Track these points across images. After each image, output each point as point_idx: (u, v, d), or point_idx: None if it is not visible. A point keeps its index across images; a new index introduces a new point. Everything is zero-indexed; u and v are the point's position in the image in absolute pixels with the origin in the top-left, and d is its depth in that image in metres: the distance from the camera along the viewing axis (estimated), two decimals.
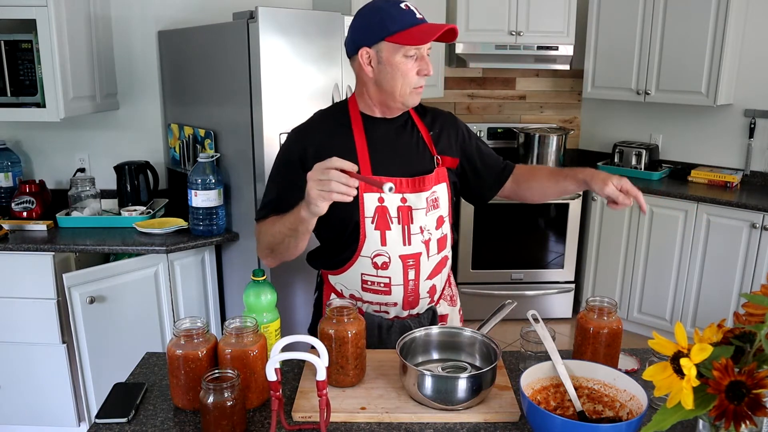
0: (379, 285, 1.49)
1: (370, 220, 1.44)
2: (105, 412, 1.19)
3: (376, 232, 1.45)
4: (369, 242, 1.46)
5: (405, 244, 1.47)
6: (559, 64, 3.92)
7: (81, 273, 2.36)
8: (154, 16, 2.92)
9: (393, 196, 1.44)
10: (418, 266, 1.49)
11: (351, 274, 1.51)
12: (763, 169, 3.63)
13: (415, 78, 1.42)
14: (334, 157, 1.22)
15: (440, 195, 1.51)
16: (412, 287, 1.51)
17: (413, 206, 1.46)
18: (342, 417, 1.18)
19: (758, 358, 0.83)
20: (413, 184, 1.46)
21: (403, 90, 1.43)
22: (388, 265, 1.47)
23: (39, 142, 2.97)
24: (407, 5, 1.39)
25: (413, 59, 1.41)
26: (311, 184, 1.23)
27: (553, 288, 3.91)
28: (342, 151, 1.39)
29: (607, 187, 1.44)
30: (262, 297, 1.32)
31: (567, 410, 1.16)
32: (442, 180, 1.52)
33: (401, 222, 1.46)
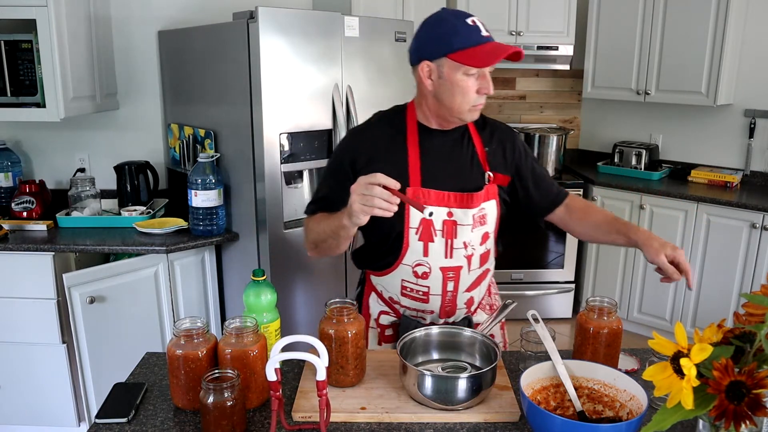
0: (418, 293, 1.50)
1: (414, 231, 1.44)
2: (105, 412, 1.19)
3: (420, 243, 1.45)
4: (411, 252, 1.46)
5: (447, 257, 1.46)
6: (559, 64, 3.92)
7: (81, 273, 2.36)
8: (154, 16, 2.91)
9: (439, 210, 1.44)
10: (458, 279, 1.49)
11: (392, 278, 1.52)
12: (763, 169, 3.63)
13: (474, 96, 1.40)
14: (378, 174, 1.24)
15: (488, 212, 1.49)
16: (450, 298, 1.51)
17: (459, 221, 1.45)
18: (342, 417, 1.18)
19: (758, 358, 0.83)
20: (461, 200, 1.44)
21: (461, 107, 1.41)
22: (428, 276, 1.48)
23: (39, 142, 2.97)
24: (474, 21, 1.36)
25: (474, 77, 1.38)
26: (354, 197, 1.25)
27: (553, 288, 3.91)
28: (394, 160, 1.43)
29: (659, 257, 1.41)
30: (262, 297, 1.32)
31: (567, 410, 1.16)
32: (492, 197, 1.50)
33: (445, 235, 1.45)
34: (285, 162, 2.45)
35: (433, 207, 1.43)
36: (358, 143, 1.52)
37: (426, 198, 1.43)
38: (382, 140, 1.49)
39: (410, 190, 1.42)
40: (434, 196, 1.43)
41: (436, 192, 1.43)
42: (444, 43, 1.36)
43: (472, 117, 1.45)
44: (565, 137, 3.95)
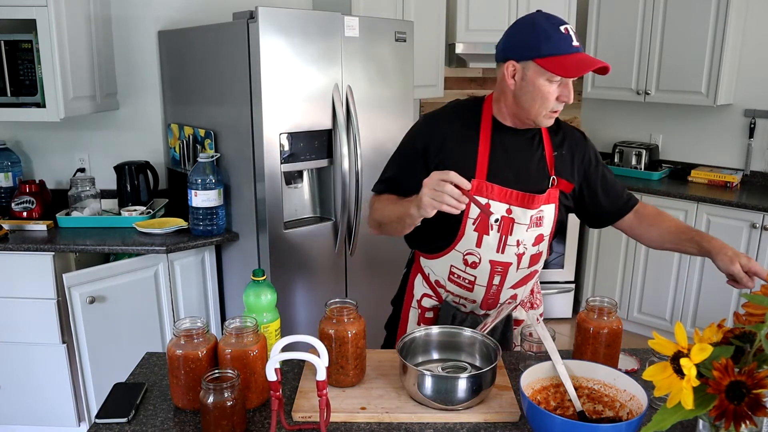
0: (464, 280, 1.54)
1: (471, 221, 1.47)
2: (105, 412, 1.19)
3: (475, 234, 1.48)
4: (465, 240, 1.49)
5: (498, 251, 1.49)
6: None
7: (81, 273, 2.36)
8: (154, 16, 2.91)
9: (499, 206, 1.46)
10: (505, 275, 1.52)
11: (441, 262, 1.56)
12: (763, 169, 3.63)
13: (553, 103, 1.40)
14: (452, 172, 1.27)
15: (546, 214, 1.50)
16: (494, 291, 1.54)
17: (516, 219, 1.47)
18: (342, 417, 1.18)
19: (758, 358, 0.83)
20: (522, 200, 1.46)
21: (538, 111, 1.42)
22: (477, 266, 1.51)
23: (39, 142, 2.97)
24: (567, 29, 1.37)
25: (556, 84, 1.39)
26: (425, 190, 1.29)
27: (553, 288, 3.91)
28: (464, 150, 1.47)
29: (734, 266, 1.40)
30: (262, 297, 1.32)
31: (567, 410, 1.16)
32: (552, 201, 1.51)
33: (501, 231, 1.47)
34: (285, 162, 2.45)
35: (495, 202, 1.45)
36: (432, 130, 1.54)
37: (489, 192, 1.45)
38: (456, 130, 1.51)
39: (475, 182, 1.45)
40: (497, 191, 1.46)
41: (499, 188, 1.45)
42: (534, 48, 1.37)
43: (547, 123, 1.46)
44: None
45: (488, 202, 1.45)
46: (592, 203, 1.60)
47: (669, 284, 3.54)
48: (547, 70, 1.35)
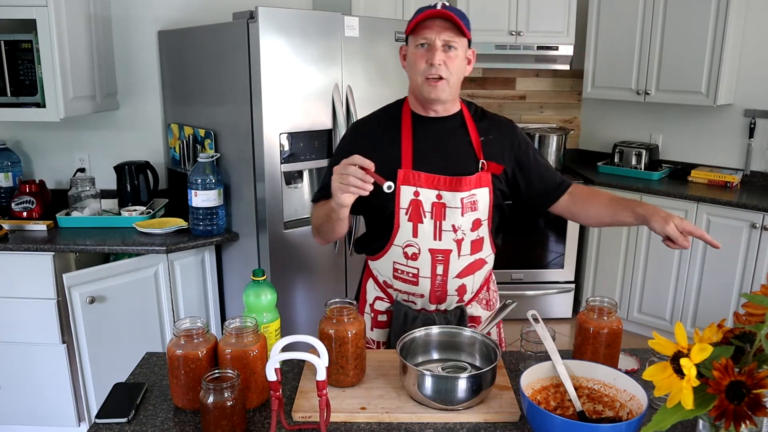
0: (408, 275, 1.56)
1: (404, 212, 1.51)
2: (105, 412, 1.19)
3: (409, 224, 1.51)
4: (402, 232, 1.52)
5: (435, 238, 1.51)
6: (559, 64, 3.92)
7: (81, 273, 2.36)
8: (154, 16, 2.91)
9: (429, 192, 1.49)
10: (447, 263, 1.53)
11: (385, 261, 1.58)
12: (763, 169, 3.63)
13: (423, 66, 1.45)
14: (356, 155, 1.33)
15: (480, 198, 1.52)
16: (440, 282, 1.55)
17: (447, 204, 1.50)
18: (342, 417, 1.18)
19: (758, 358, 0.83)
20: (450, 183, 1.49)
21: (416, 80, 1.49)
22: (417, 257, 1.53)
23: (39, 142, 2.97)
24: (436, 5, 1.44)
25: (423, 49, 1.45)
26: (334, 177, 1.35)
27: (553, 288, 3.91)
28: (388, 147, 1.52)
29: (668, 226, 1.44)
30: (262, 297, 1.32)
31: (567, 410, 1.16)
32: (485, 184, 1.53)
33: (434, 217, 1.50)
34: (285, 162, 2.45)
35: (424, 189, 1.49)
36: (357, 135, 1.63)
37: (416, 180, 1.49)
38: (380, 131, 1.58)
39: (401, 172, 1.50)
40: (424, 178, 1.49)
41: (426, 175, 1.49)
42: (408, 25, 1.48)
43: (428, 93, 1.48)
44: (565, 137, 3.95)
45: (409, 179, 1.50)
46: (527, 188, 1.61)
47: (669, 284, 3.54)
48: (409, 35, 1.48)
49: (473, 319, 1.64)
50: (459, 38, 1.46)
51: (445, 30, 1.44)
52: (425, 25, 1.45)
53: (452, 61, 1.46)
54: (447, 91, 1.49)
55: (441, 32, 1.44)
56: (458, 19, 1.43)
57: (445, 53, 1.45)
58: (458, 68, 1.49)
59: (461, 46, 1.47)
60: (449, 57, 1.46)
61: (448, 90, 1.49)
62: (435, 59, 1.44)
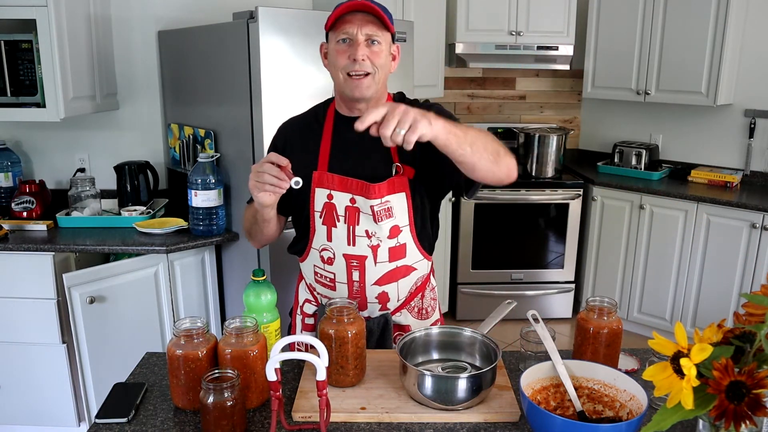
0: (326, 279, 1.54)
1: (318, 215, 1.49)
2: (105, 412, 1.19)
3: (323, 227, 1.49)
4: (318, 236, 1.51)
5: (349, 243, 1.48)
6: (559, 64, 3.92)
7: (81, 273, 2.36)
8: (154, 16, 2.92)
9: (342, 195, 1.46)
10: (363, 269, 1.49)
11: (307, 263, 1.57)
12: (763, 169, 3.63)
13: (344, 62, 1.38)
14: (271, 153, 1.33)
15: (395, 204, 1.45)
16: (358, 289, 1.51)
17: (361, 209, 1.45)
18: (342, 417, 1.18)
19: (758, 358, 0.83)
20: (361, 188, 1.44)
21: (339, 77, 1.42)
22: (332, 261, 1.50)
23: (39, 142, 2.97)
24: None
25: (345, 45, 1.39)
26: (251, 175, 1.33)
27: (553, 288, 3.91)
28: (308, 146, 1.50)
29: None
30: (262, 297, 1.32)
31: (567, 410, 1.16)
32: (399, 189, 1.45)
33: (347, 222, 1.47)
34: None
35: (337, 192, 1.46)
36: (281, 133, 1.61)
37: (329, 183, 1.46)
38: (302, 129, 1.56)
39: (316, 174, 1.47)
40: (338, 181, 1.46)
41: (339, 177, 1.46)
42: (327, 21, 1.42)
43: (352, 90, 1.40)
44: (565, 137, 3.95)
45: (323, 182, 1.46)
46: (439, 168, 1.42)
47: (669, 284, 3.54)
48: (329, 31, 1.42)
49: (401, 327, 1.57)
50: (382, 32, 1.39)
51: (368, 23, 1.37)
52: (346, 19, 1.37)
53: (377, 56, 1.39)
54: (373, 87, 1.41)
55: (363, 26, 1.36)
56: (380, 11, 1.36)
57: (369, 48, 1.38)
58: (383, 63, 1.41)
59: (385, 41, 1.40)
60: (373, 51, 1.38)
61: (374, 86, 1.41)
62: (358, 54, 1.37)
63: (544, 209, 3.78)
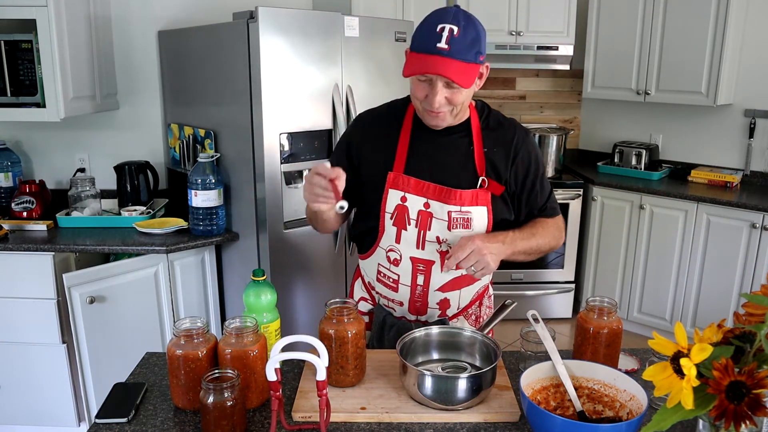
0: (389, 279, 1.53)
1: (389, 216, 1.47)
2: (105, 412, 1.19)
3: (393, 228, 1.47)
4: (387, 236, 1.49)
5: (418, 247, 1.47)
6: (559, 64, 3.92)
7: (81, 273, 2.36)
8: (154, 16, 2.91)
9: (416, 199, 1.44)
10: (429, 274, 1.49)
11: (371, 261, 1.56)
12: (763, 169, 3.63)
13: (422, 97, 1.36)
14: (321, 164, 1.31)
15: (475, 217, 1.44)
16: (420, 293, 1.51)
17: (434, 214, 1.44)
18: (342, 417, 1.18)
19: (758, 358, 0.83)
20: (439, 193, 1.43)
21: (417, 107, 1.42)
22: (398, 263, 1.50)
23: (39, 142, 2.97)
24: (443, 29, 1.29)
25: (425, 83, 1.34)
26: (304, 185, 1.35)
27: (553, 288, 3.91)
28: (384, 145, 1.47)
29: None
30: (262, 297, 1.32)
31: (567, 410, 1.16)
32: (482, 203, 1.44)
33: (418, 226, 1.45)
34: (285, 162, 2.45)
35: (412, 195, 1.44)
36: (358, 126, 1.57)
37: (405, 185, 1.44)
38: (380, 125, 1.52)
39: (391, 175, 1.45)
40: (413, 184, 1.44)
41: (415, 180, 1.44)
42: (412, 39, 1.37)
43: (430, 123, 1.41)
44: (565, 137, 3.95)
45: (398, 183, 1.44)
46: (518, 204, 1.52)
47: (669, 284, 3.54)
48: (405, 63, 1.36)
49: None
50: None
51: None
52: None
53: (456, 96, 1.34)
54: (449, 119, 1.40)
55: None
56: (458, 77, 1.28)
57: (448, 89, 1.33)
58: (464, 98, 1.37)
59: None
60: (452, 93, 1.33)
61: (450, 118, 1.40)
62: (434, 103, 1.33)
63: None
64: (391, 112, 1.53)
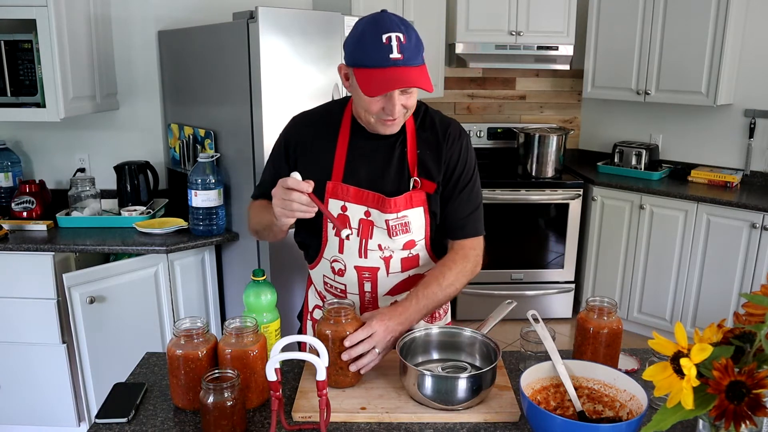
0: (337, 290, 1.51)
1: (331, 226, 1.44)
2: (105, 412, 1.19)
3: (335, 239, 1.45)
4: (329, 246, 1.47)
5: (361, 256, 1.44)
6: (559, 64, 3.92)
7: (81, 273, 2.36)
8: (154, 16, 2.92)
9: (357, 208, 1.41)
10: (375, 280, 1.47)
11: (317, 272, 1.55)
12: (763, 169, 3.63)
13: (378, 112, 1.32)
14: (290, 178, 1.25)
15: (412, 219, 1.42)
16: (370, 299, 1.49)
17: (375, 222, 1.41)
18: (342, 417, 1.18)
19: (758, 358, 0.83)
20: (377, 202, 1.40)
21: (367, 118, 1.35)
22: (343, 273, 1.47)
23: (39, 142, 2.97)
24: (390, 38, 1.24)
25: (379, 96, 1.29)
26: (276, 201, 1.28)
27: (553, 288, 3.91)
28: (322, 152, 1.43)
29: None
30: (262, 297, 1.32)
31: (567, 410, 1.16)
32: (417, 204, 1.42)
33: (360, 234, 1.42)
34: None
35: (351, 204, 1.41)
36: (293, 129, 1.50)
37: (345, 194, 1.41)
38: (317, 130, 1.46)
39: (330, 184, 1.42)
40: (353, 193, 1.41)
41: (355, 189, 1.41)
42: (352, 54, 1.29)
43: (384, 131, 1.37)
44: (565, 137, 3.95)
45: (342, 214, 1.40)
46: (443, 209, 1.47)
47: (669, 284, 3.54)
48: (357, 81, 1.28)
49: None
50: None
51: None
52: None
53: (410, 100, 1.32)
54: (402, 121, 1.37)
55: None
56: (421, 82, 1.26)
57: (404, 94, 1.30)
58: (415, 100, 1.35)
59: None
60: (407, 98, 1.31)
61: (402, 120, 1.37)
62: (395, 112, 1.30)
63: (544, 209, 3.78)
64: (327, 116, 1.47)
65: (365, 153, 1.43)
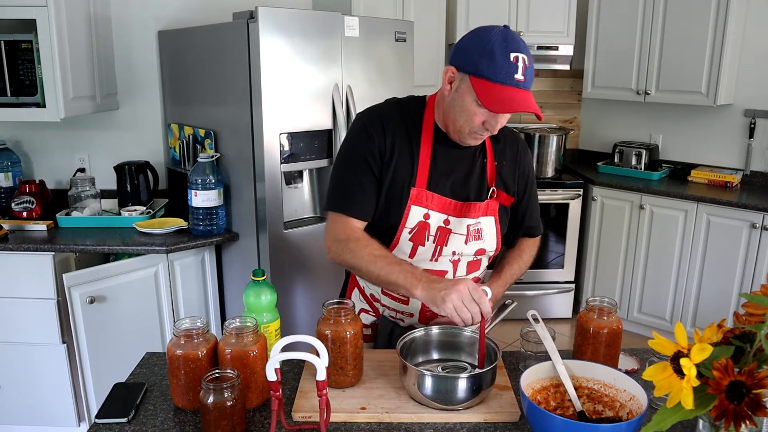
0: (399, 293, 1.46)
1: (408, 231, 1.43)
2: (105, 412, 1.19)
3: (409, 244, 1.44)
4: (398, 251, 1.44)
5: (432, 260, 1.46)
6: (559, 64, 3.92)
7: (81, 273, 2.36)
8: (154, 16, 2.91)
9: (438, 216, 1.42)
10: None
11: None
12: (763, 169, 3.63)
13: (477, 126, 1.34)
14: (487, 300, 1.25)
15: (484, 227, 1.45)
16: None
17: (453, 230, 1.43)
18: (342, 417, 1.18)
19: (758, 358, 0.83)
20: (459, 209, 1.43)
21: (462, 128, 1.36)
22: None
23: (39, 142, 2.97)
24: (518, 58, 1.27)
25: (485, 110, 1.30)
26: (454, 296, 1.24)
27: (553, 288, 3.91)
28: (407, 156, 1.41)
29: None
30: (262, 297, 1.32)
31: (567, 410, 1.15)
32: (491, 213, 1.46)
33: (436, 242, 1.44)
34: (285, 162, 2.45)
35: (434, 212, 1.42)
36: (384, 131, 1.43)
37: (429, 202, 1.42)
38: (400, 134, 1.43)
39: (414, 191, 1.41)
40: (437, 201, 1.42)
41: (439, 197, 1.42)
42: (475, 62, 1.28)
43: (470, 142, 1.40)
44: (565, 137, 3.95)
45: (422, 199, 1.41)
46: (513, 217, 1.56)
47: (669, 284, 3.54)
48: (475, 91, 1.28)
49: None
50: None
51: None
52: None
53: (505, 119, 1.36)
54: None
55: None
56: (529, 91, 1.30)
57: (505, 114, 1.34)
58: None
59: None
60: (505, 117, 1.35)
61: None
62: (496, 129, 1.34)
63: (544, 209, 3.78)
64: (406, 115, 1.45)
65: (448, 159, 1.44)
